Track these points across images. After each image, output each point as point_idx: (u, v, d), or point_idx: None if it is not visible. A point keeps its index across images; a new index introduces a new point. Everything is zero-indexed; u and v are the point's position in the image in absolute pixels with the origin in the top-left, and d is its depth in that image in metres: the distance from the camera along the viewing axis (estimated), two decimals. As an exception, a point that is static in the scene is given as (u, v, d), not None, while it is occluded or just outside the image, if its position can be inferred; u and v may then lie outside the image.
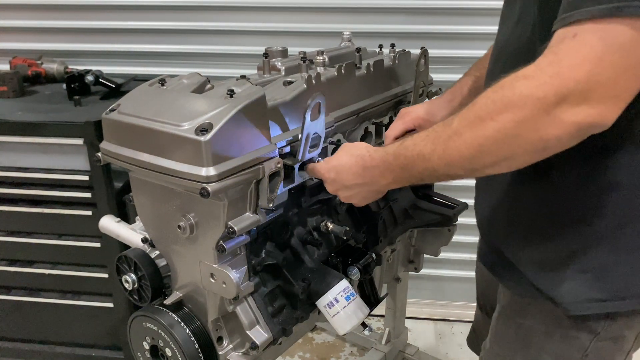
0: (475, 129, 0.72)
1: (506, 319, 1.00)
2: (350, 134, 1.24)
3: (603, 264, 0.85)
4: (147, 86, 1.03)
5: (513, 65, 0.87)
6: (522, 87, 0.67)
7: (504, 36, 0.93)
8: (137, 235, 1.12)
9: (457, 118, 0.75)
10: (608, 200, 0.82)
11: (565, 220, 0.86)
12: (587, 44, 0.63)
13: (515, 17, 0.89)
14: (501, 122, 0.69)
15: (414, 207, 1.43)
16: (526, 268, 0.92)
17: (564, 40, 0.65)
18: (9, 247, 1.79)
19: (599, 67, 0.63)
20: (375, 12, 2.02)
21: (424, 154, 0.79)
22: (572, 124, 0.65)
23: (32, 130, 1.64)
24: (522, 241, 0.93)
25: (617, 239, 0.83)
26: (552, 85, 0.64)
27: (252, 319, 1.02)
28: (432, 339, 2.31)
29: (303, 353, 2.19)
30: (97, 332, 1.87)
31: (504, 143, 0.70)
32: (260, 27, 2.08)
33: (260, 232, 1.03)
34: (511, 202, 0.94)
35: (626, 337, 0.90)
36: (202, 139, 0.83)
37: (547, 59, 0.66)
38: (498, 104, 0.69)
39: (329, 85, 1.12)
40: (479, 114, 0.71)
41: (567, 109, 0.64)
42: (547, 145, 0.68)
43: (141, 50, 2.17)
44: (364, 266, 1.13)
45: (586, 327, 0.88)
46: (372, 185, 0.92)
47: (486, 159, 0.73)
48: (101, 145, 1.00)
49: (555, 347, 0.92)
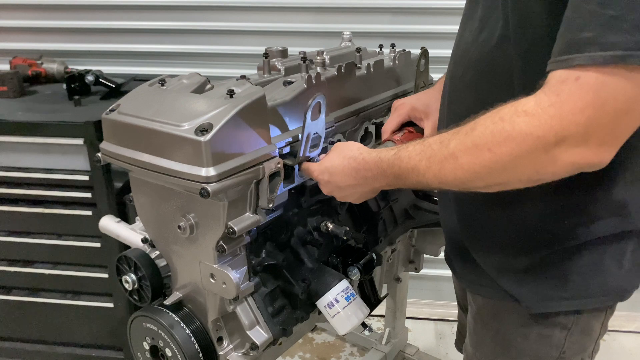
0: (472, 156, 0.73)
1: (483, 324, 1.02)
2: (350, 134, 1.24)
3: (567, 268, 0.88)
4: (147, 86, 1.03)
5: (475, 74, 0.89)
6: (522, 124, 0.68)
7: (466, 40, 0.93)
8: (137, 235, 1.12)
9: (454, 140, 0.76)
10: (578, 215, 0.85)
11: (533, 231, 0.89)
12: (590, 89, 0.63)
13: (476, 22, 0.89)
14: (499, 154, 0.70)
15: (414, 207, 1.43)
16: (492, 271, 0.95)
17: (566, 82, 0.65)
18: (9, 247, 1.79)
19: (601, 112, 0.63)
20: (376, 12, 2.02)
21: (418, 169, 0.81)
22: (569, 164, 0.67)
23: (32, 130, 1.64)
24: (488, 247, 0.95)
25: (581, 248, 0.87)
26: (552, 127, 0.65)
27: (252, 319, 1.02)
28: (432, 339, 2.31)
29: (303, 353, 2.19)
30: (97, 332, 1.87)
31: (499, 173, 0.72)
32: (260, 27, 2.08)
33: (261, 233, 1.03)
34: (478, 212, 0.95)
35: (594, 327, 0.94)
36: (202, 139, 0.83)
37: (549, 99, 0.66)
38: (497, 137, 0.70)
39: (329, 85, 1.12)
40: (477, 143, 0.72)
41: (566, 150, 0.66)
42: (541, 177, 0.71)
43: (141, 50, 2.17)
44: (364, 266, 1.13)
45: (557, 324, 0.92)
46: (365, 186, 0.93)
47: (479, 183, 0.75)
48: (101, 145, 1.00)
49: (533, 348, 0.95)
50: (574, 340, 0.93)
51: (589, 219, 0.85)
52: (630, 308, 2.29)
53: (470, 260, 0.98)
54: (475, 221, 0.96)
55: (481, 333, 1.03)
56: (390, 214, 1.37)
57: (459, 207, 0.99)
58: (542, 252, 0.89)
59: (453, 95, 0.97)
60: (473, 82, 0.90)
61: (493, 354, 1.01)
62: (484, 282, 0.97)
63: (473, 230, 0.97)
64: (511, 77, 0.81)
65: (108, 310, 1.81)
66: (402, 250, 1.62)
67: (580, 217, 0.85)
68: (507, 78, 0.82)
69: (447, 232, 1.07)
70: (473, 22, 0.91)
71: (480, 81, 0.88)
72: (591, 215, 0.85)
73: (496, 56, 0.84)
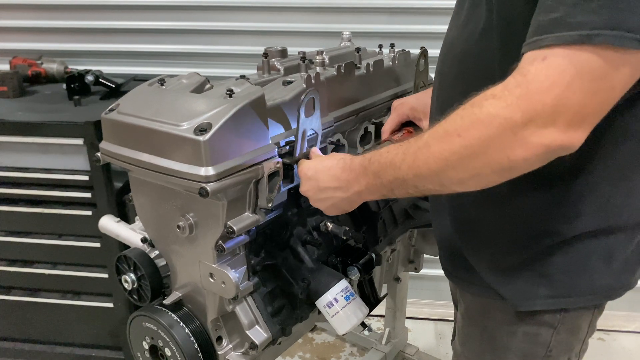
0: (442, 142, 0.72)
1: (471, 321, 1.02)
2: (349, 134, 1.24)
3: (553, 266, 0.88)
4: (146, 86, 1.03)
5: (460, 68, 0.89)
6: (489, 106, 0.67)
7: (452, 35, 0.93)
8: (136, 235, 1.12)
9: (429, 131, 0.76)
10: (564, 211, 0.84)
11: (522, 228, 0.88)
12: (557, 68, 0.63)
13: (462, 17, 0.89)
14: (467, 138, 0.69)
15: (414, 207, 1.43)
16: (482, 269, 0.94)
17: (534, 63, 0.65)
18: (9, 247, 1.79)
19: (568, 91, 0.62)
20: (375, 12, 2.02)
21: (395, 163, 0.80)
22: (539, 146, 0.65)
23: (32, 130, 1.64)
24: (480, 245, 0.95)
25: (567, 245, 0.86)
26: (519, 107, 0.64)
27: (251, 319, 1.02)
28: (432, 339, 2.31)
29: (303, 353, 2.19)
30: (97, 332, 1.87)
31: (469, 160, 0.70)
32: (260, 27, 2.08)
33: (260, 232, 1.03)
34: (472, 210, 0.95)
35: (581, 326, 0.93)
36: (201, 138, 0.83)
37: (515, 80, 0.66)
38: (466, 120, 0.70)
39: (328, 85, 1.12)
40: (447, 129, 0.72)
41: (534, 131, 0.65)
42: (513, 165, 0.68)
43: (141, 50, 2.18)
44: (363, 266, 1.13)
45: (544, 322, 0.91)
46: (345, 190, 0.90)
47: (452, 174, 0.73)
48: (101, 145, 1.00)
49: (519, 346, 0.95)
50: (560, 339, 0.92)
51: (575, 214, 0.84)
52: (630, 308, 2.29)
53: (461, 259, 0.98)
54: (468, 220, 0.96)
55: (469, 331, 1.03)
56: (390, 213, 1.37)
57: (452, 207, 0.98)
58: (530, 249, 0.88)
59: (440, 91, 0.97)
60: (458, 76, 0.90)
61: (480, 351, 1.01)
62: (474, 280, 0.97)
63: (466, 229, 0.97)
64: (493, 70, 0.81)
65: (108, 310, 1.81)
66: (402, 250, 1.62)
67: (566, 213, 0.84)
68: (490, 70, 0.81)
69: (439, 234, 1.06)
70: (459, 18, 0.91)
71: (465, 74, 0.88)
72: (577, 211, 0.84)
73: (479, 49, 0.84)
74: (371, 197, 0.89)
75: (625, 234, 0.87)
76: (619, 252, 0.87)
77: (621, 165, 0.82)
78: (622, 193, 0.83)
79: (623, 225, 0.86)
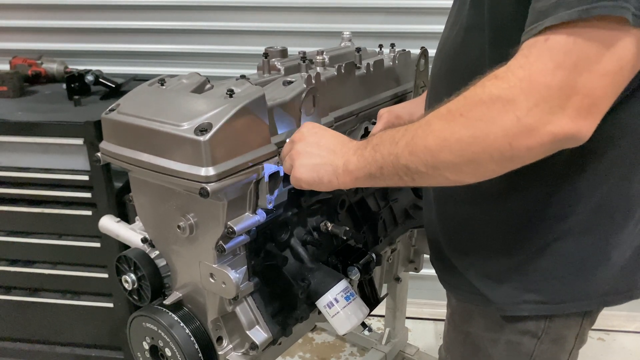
0: (444, 120, 0.70)
1: (455, 326, 1.01)
2: (350, 134, 1.24)
3: (542, 271, 0.86)
4: (146, 86, 1.03)
5: (448, 66, 0.89)
6: (491, 87, 0.65)
7: (444, 36, 0.94)
8: (137, 235, 1.12)
9: (433, 111, 0.73)
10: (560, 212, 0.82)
11: (511, 228, 0.87)
12: (561, 50, 0.60)
13: (452, 17, 0.90)
14: (470, 119, 0.66)
15: (414, 207, 1.43)
16: (468, 273, 0.93)
17: (535, 45, 0.62)
18: (9, 247, 1.79)
19: (574, 73, 0.59)
20: (375, 12, 2.02)
21: (394, 137, 0.77)
22: (545, 134, 0.61)
23: (32, 130, 1.64)
24: (466, 247, 0.94)
25: (557, 251, 0.84)
26: (522, 90, 0.61)
27: (251, 319, 1.02)
28: (432, 339, 2.31)
29: (303, 353, 2.19)
30: (97, 332, 1.87)
31: (468, 143, 0.66)
32: (260, 27, 2.08)
33: (260, 232, 1.03)
34: (458, 209, 0.94)
35: (566, 337, 0.90)
36: (202, 138, 0.83)
37: (518, 62, 0.63)
38: (469, 101, 0.67)
39: (328, 85, 1.12)
40: (451, 108, 0.69)
41: (541, 117, 0.61)
42: (515, 154, 0.64)
43: (141, 50, 2.18)
44: (363, 266, 1.13)
45: (527, 331, 0.89)
46: (336, 157, 0.83)
47: (448, 157, 0.69)
48: (101, 145, 1.00)
49: (501, 354, 0.93)
50: (543, 349, 0.89)
51: (569, 214, 0.82)
52: (630, 308, 2.29)
53: (447, 261, 0.97)
54: (457, 220, 0.94)
55: (453, 336, 1.02)
56: (390, 213, 1.37)
57: (438, 205, 0.97)
58: (521, 251, 0.86)
59: (432, 91, 0.97)
60: (448, 74, 0.90)
61: (462, 357, 0.99)
62: (459, 285, 0.95)
63: (452, 230, 0.96)
64: (483, 68, 0.79)
65: (108, 310, 1.81)
66: (402, 250, 1.62)
67: (561, 213, 0.82)
68: (479, 69, 0.78)
69: (429, 233, 1.05)
70: (449, 18, 0.91)
71: (454, 73, 0.88)
72: (571, 211, 0.81)
73: (465, 47, 0.83)
74: (356, 175, 0.81)
75: (622, 236, 0.84)
76: (616, 255, 0.84)
77: (618, 164, 0.79)
78: (619, 193, 0.81)
79: (620, 227, 0.83)
